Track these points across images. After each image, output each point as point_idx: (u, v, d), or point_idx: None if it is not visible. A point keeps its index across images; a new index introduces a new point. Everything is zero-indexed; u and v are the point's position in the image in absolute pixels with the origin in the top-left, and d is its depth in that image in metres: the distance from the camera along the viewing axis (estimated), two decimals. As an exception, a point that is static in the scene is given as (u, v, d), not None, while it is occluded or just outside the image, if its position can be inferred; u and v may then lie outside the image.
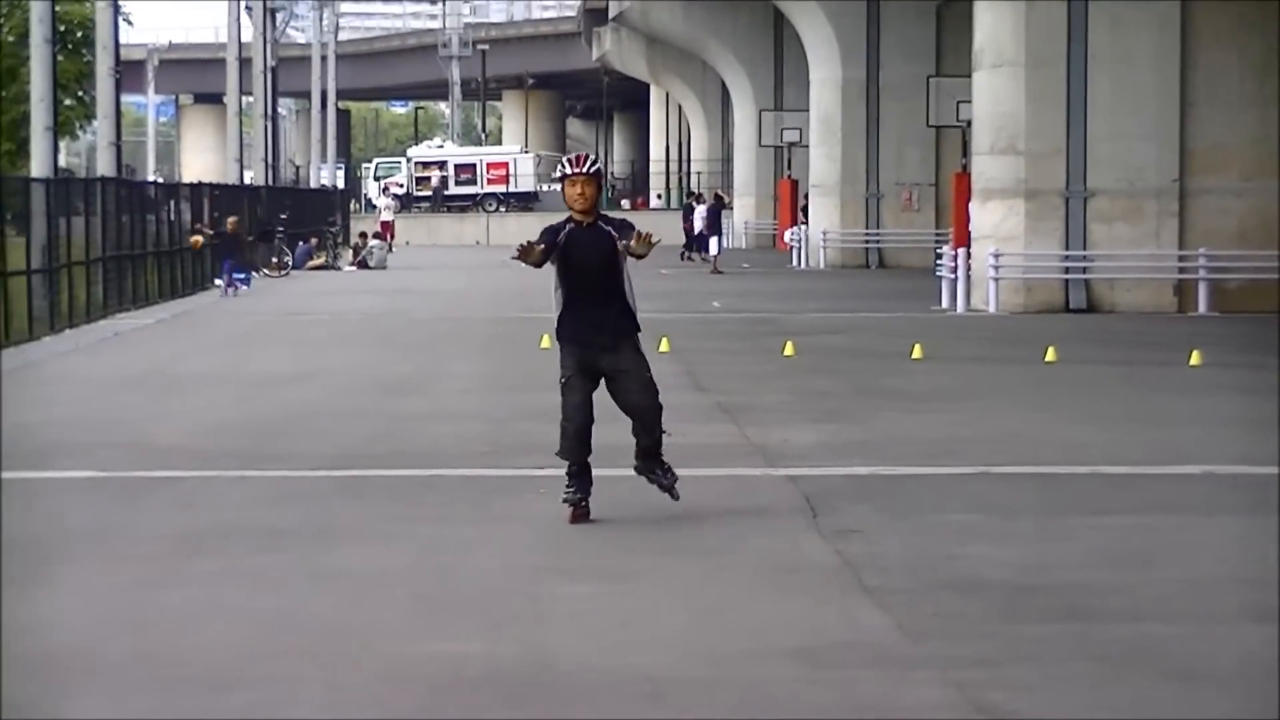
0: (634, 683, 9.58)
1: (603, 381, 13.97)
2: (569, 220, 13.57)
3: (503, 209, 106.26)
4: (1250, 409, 21.74)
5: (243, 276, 50.00)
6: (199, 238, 49.15)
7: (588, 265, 13.54)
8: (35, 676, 9.81)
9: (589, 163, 13.66)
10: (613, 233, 13.58)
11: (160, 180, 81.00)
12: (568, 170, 13.60)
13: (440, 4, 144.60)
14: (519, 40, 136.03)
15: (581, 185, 13.46)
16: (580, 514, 13.55)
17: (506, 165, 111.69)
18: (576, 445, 13.53)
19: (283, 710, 9.17)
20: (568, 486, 13.61)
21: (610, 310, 13.65)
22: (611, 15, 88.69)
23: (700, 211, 63.24)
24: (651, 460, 14.04)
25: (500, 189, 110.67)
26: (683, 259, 64.36)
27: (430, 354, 29.07)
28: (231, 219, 51.05)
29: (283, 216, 61.19)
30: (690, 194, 66.49)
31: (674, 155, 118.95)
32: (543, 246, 13.30)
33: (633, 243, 13.46)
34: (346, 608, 11.40)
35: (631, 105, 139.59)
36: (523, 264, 13.50)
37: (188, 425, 20.53)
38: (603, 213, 13.98)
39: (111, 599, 11.77)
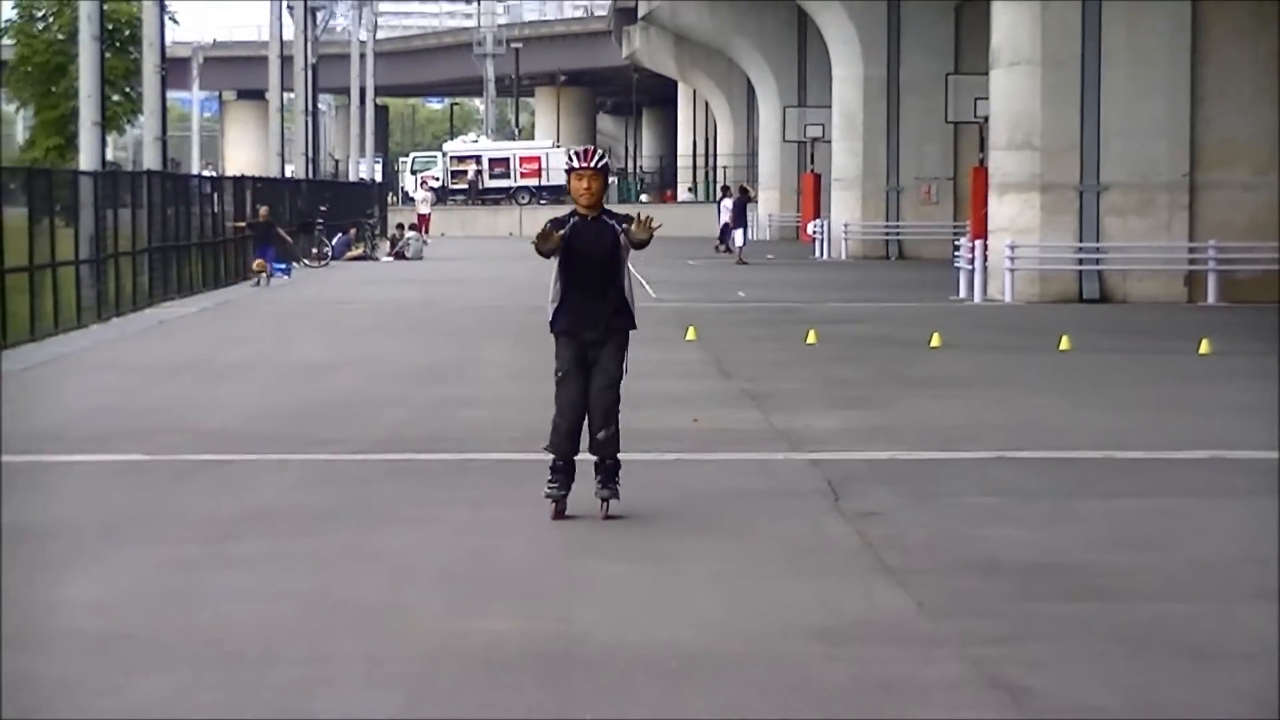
0: (663, 659, 9.58)
1: None
2: (573, 213, 13.25)
3: (536, 202, 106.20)
4: (1258, 396, 21.69)
5: (283, 267, 50.08)
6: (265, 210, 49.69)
7: (590, 257, 13.17)
8: (87, 653, 9.86)
9: (595, 157, 13.36)
10: (616, 226, 13.23)
11: (204, 174, 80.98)
12: (574, 164, 13.23)
13: (475, 3, 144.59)
14: (551, 39, 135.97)
15: (588, 179, 13.15)
16: (561, 510, 13.11)
17: (539, 160, 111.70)
18: (566, 442, 13.06)
19: (326, 685, 9.20)
20: (551, 482, 13.14)
21: (607, 304, 13.21)
22: (641, 14, 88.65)
23: (726, 204, 63.03)
24: (607, 475, 13.20)
25: (533, 183, 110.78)
26: (716, 251, 64.16)
27: (465, 342, 29.11)
28: (262, 208, 50.94)
29: (322, 209, 61.23)
30: (724, 188, 66.33)
31: (701, 150, 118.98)
32: (561, 233, 12.94)
33: (633, 228, 13.13)
34: (386, 587, 11.43)
35: (660, 101, 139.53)
36: (538, 251, 13.09)
37: (232, 411, 20.58)
38: (606, 208, 13.58)
39: (160, 578, 11.82)
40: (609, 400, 13.03)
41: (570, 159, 13.31)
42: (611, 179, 15.10)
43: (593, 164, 13.16)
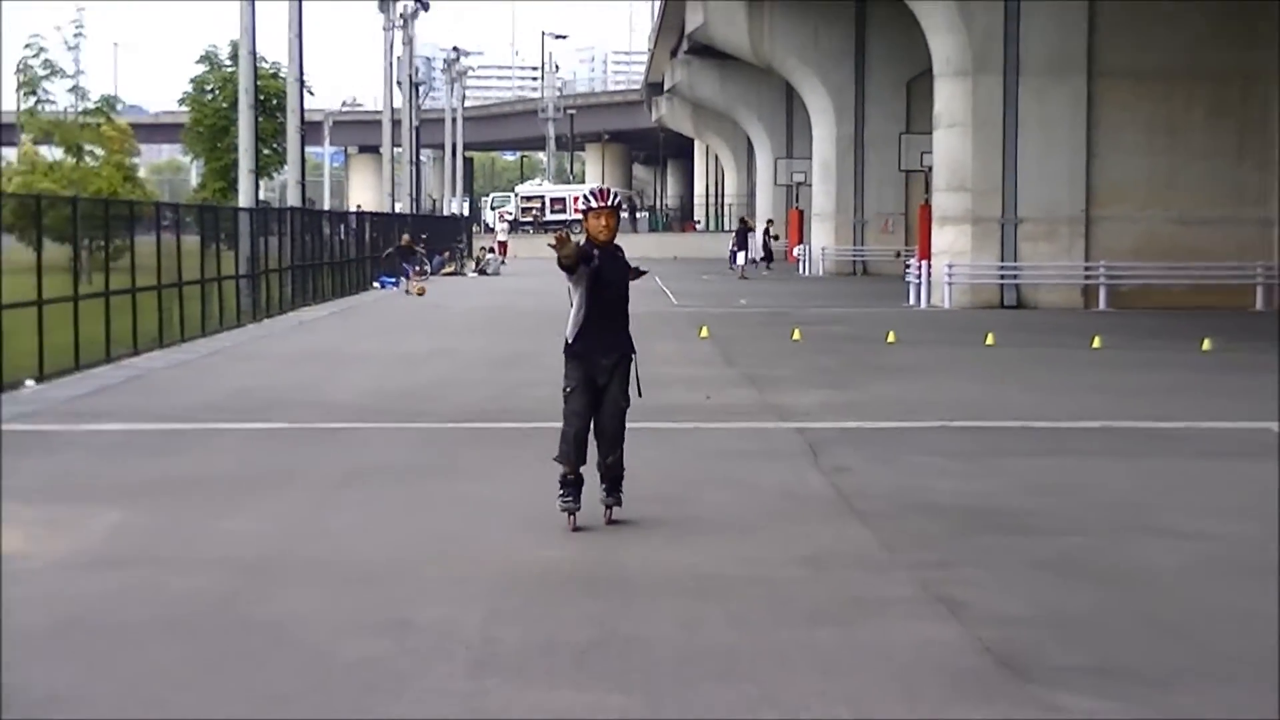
0: (682, 579, 9.60)
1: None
2: (592, 245, 11.19)
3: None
4: (1136, 380, 21.71)
5: (393, 280, 50.21)
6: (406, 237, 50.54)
7: (614, 285, 11.21)
8: (244, 572, 9.88)
9: (611, 197, 11.48)
10: (625, 259, 11.54)
11: (333, 210, 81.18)
12: (593, 204, 11.26)
13: (540, 79, 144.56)
14: (598, 106, 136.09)
15: (605, 217, 11.19)
16: (575, 523, 11.07)
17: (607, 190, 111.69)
18: (575, 450, 11.05)
19: (423, 599, 9.20)
20: (564, 496, 11.07)
21: (622, 333, 11.29)
22: (666, 87, 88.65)
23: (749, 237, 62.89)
24: (612, 485, 11.31)
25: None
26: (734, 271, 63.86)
27: (531, 337, 29.05)
28: (405, 236, 51.61)
29: (423, 236, 61.24)
30: (742, 220, 66.44)
31: (712, 191, 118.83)
32: (578, 246, 10.97)
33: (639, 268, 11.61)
34: (468, 525, 11.45)
35: (680, 154, 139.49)
36: (559, 255, 10.86)
37: (352, 389, 20.61)
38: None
39: (297, 517, 11.88)
40: (617, 426, 11.17)
41: (588, 200, 11.34)
42: (624, 215, 14.77)
43: (610, 203, 11.30)
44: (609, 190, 11.13)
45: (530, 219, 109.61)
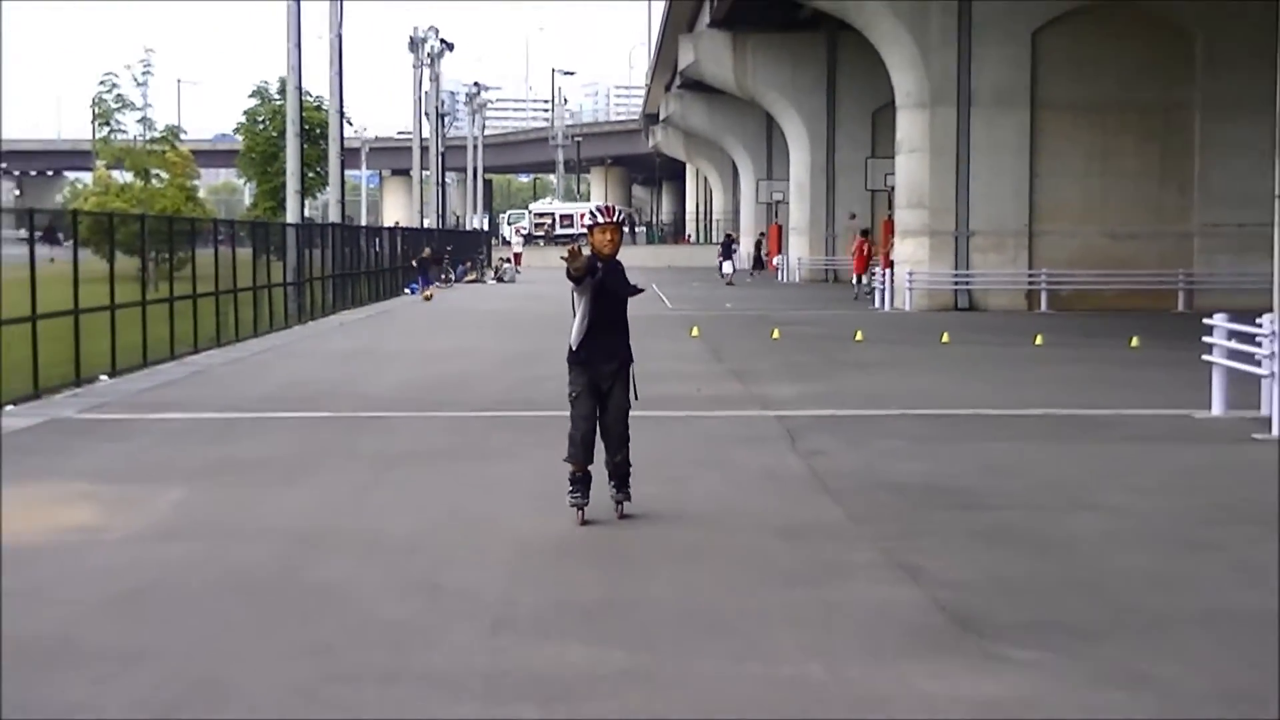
0: (676, 546, 9.63)
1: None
2: (596, 258, 10.41)
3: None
4: (1073, 373, 21.70)
5: (425, 287, 50.20)
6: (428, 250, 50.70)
7: (616, 295, 10.52)
8: (294, 542, 9.92)
9: (616, 213, 10.84)
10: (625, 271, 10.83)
11: (369, 225, 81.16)
12: (599, 220, 10.57)
13: (551, 111, 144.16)
14: (601, 134, 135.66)
15: (610, 232, 10.45)
16: (584, 518, 10.47)
17: (612, 207, 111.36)
18: (582, 451, 10.44)
19: (451, 566, 9.25)
20: (572, 493, 10.48)
21: (621, 339, 10.63)
22: (661, 117, 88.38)
23: (734, 248, 62.91)
24: (620, 482, 10.66)
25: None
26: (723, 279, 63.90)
27: (545, 336, 29.01)
28: (427, 250, 51.64)
29: (449, 249, 61.08)
30: (728, 235, 66.46)
31: (701, 209, 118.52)
32: (588, 259, 10.27)
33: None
34: (491, 502, 11.46)
35: (673, 176, 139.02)
36: (569, 265, 10.21)
37: (387, 383, 20.61)
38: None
39: (341, 494, 11.88)
40: (622, 428, 10.56)
41: (594, 215, 10.63)
42: (626, 230, 14.15)
43: (614, 220, 10.63)
44: (614, 207, 10.57)
45: (542, 233, 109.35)
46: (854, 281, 45.62)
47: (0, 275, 19.42)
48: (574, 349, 10.50)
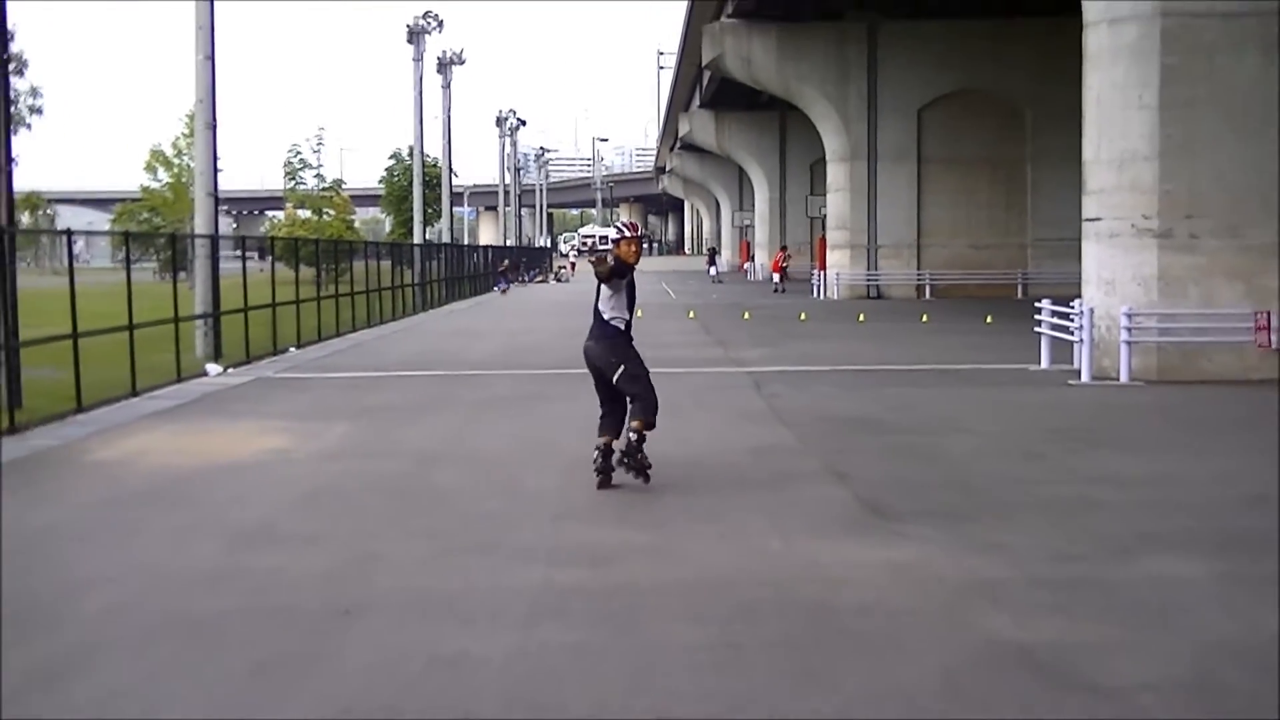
0: (682, 463, 9.54)
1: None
2: (620, 260, 8.83)
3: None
4: (948, 341, 21.57)
5: (506, 286, 50.10)
6: (506, 261, 50.68)
7: (634, 290, 9.00)
8: (417, 461, 9.88)
9: (638, 229, 9.16)
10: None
11: (469, 244, 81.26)
12: (625, 234, 8.89)
13: (593, 165, 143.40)
14: (626, 180, 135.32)
15: (635, 244, 8.85)
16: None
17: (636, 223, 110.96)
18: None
19: (524, 473, 9.19)
20: (643, 455, 8.62)
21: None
22: (667, 169, 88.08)
23: (715, 259, 62.76)
24: (633, 449, 8.64)
25: None
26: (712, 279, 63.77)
27: (590, 318, 29.00)
28: (505, 261, 51.54)
29: (523, 260, 61.07)
30: (710, 248, 66.54)
31: (695, 231, 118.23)
32: (612, 265, 8.66)
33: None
34: (553, 431, 11.40)
35: (675, 209, 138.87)
36: (598, 268, 8.76)
37: (481, 352, 20.55)
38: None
39: (450, 427, 11.82)
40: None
41: (622, 230, 8.99)
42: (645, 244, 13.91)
43: (638, 234, 9.04)
44: (636, 224, 9.31)
45: (586, 248, 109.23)
46: (774, 279, 45.58)
47: (219, 279, 19.41)
48: (623, 329, 8.86)
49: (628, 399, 8.69)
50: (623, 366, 8.70)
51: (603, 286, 8.74)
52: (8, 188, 13.05)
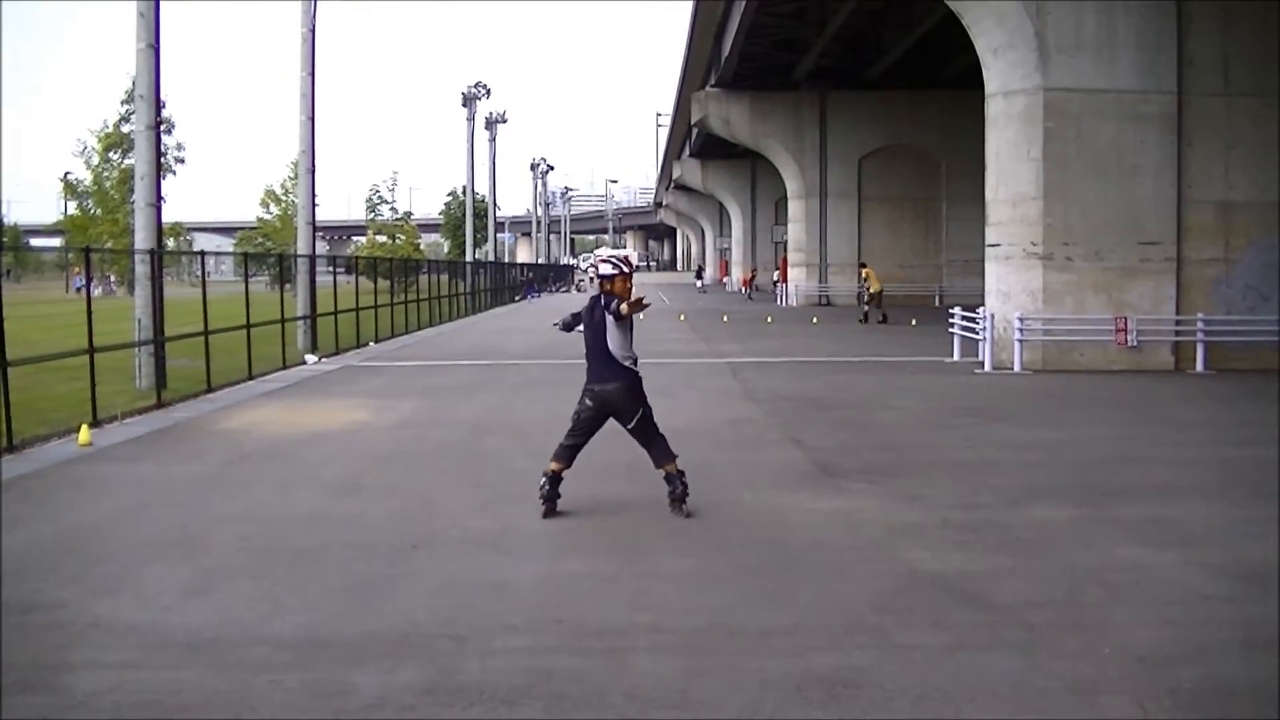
0: (673, 432, 9.40)
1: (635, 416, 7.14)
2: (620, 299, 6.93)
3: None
4: (882, 338, 21.49)
5: (537, 294, 49.98)
6: (532, 274, 50.20)
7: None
8: (468, 430, 9.86)
9: (633, 265, 7.36)
10: None
11: (509, 262, 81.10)
12: (625, 269, 7.11)
13: (606, 200, 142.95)
14: (633, 213, 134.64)
15: (631, 280, 7.20)
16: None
17: (629, 258, 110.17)
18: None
19: (553, 441, 9.13)
20: (684, 480, 6.68)
21: None
22: (664, 204, 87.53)
23: (695, 272, 62.55)
24: (681, 487, 6.71)
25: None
26: (699, 290, 63.47)
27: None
28: (531, 274, 51.19)
29: (550, 274, 60.96)
30: (698, 266, 66.43)
31: (686, 253, 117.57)
32: (633, 302, 6.81)
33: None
34: (570, 408, 11.39)
35: (670, 235, 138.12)
36: (624, 310, 6.88)
37: (518, 346, 20.46)
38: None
39: (495, 404, 11.77)
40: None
41: (620, 266, 7.17)
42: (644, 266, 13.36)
43: (632, 269, 7.28)
44: (627, 259, 7.56)
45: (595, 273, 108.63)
46: (744, 291, 45.52)
47: (315, 289, 19.36)
48: (635, 368, 7.06)
49: (634, 438, 6.78)
50: (642, 410, 6.80)
51: (611, 324, 6.82)
52: (158, 221, 13.50)
